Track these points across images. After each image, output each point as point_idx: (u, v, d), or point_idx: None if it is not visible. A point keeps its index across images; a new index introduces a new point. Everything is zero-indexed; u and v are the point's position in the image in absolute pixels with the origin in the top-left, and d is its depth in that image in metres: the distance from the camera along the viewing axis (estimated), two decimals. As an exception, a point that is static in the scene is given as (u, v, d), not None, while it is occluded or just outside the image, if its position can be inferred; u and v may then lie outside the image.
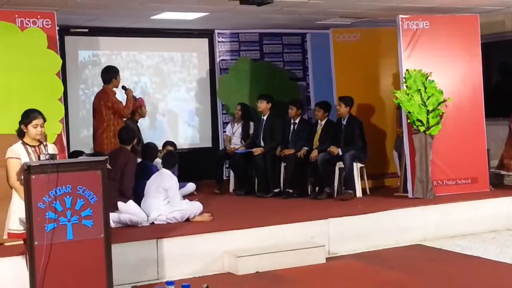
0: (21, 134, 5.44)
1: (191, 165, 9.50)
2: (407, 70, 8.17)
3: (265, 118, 9.10)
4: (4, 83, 6.52)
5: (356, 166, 8.38)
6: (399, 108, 8.42)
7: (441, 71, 8.28)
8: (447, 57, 8.42)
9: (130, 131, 7.61)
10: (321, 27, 9.98)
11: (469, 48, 8.57)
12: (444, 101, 8.12)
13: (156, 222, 6.91)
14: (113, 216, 6.47)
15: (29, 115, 5.41)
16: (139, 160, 7.63)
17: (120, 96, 8.19)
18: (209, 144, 10.70)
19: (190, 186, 8.70)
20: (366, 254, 6.94)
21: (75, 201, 4.86)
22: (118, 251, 5.58)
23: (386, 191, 8.92)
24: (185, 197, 7.80)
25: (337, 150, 8.37)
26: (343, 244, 6.97)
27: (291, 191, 8.52)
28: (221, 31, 10.50)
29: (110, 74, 8.10)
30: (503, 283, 5.90)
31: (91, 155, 8.13)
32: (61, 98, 6.82)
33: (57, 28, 6.93)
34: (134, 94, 8.36)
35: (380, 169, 9.41)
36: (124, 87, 8.22)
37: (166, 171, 7.18)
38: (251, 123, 9.46)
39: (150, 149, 8.00)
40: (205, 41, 10.65)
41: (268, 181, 8.79)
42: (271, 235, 6.67)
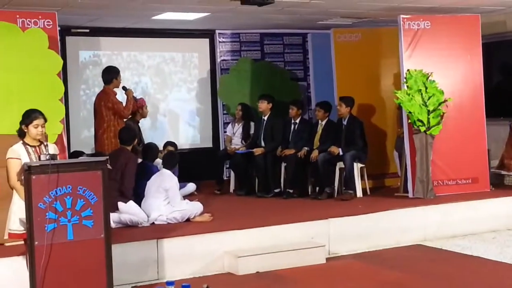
0: (21, 134, 5.45)
1: (191, 165, 9.51)
2: (408, 70, 8.16)
3: (265, 118, 9.10)
4: (5, 84, 6.52)
5: (357, 166, 8.38)
6: (399, 108, 8.42)
7: (442, 71, 8.27)
8: (448, 57, 8.42)
9: (131, 131, 7.61)
10: (322, 27, 9.98)
11: (470, 48, 8.57)
12: (445, 101, 8.12)
13: (156, 223, 6.91)
14: (113, 217, 6.48)
15: (30, 115, 5.41)
16: (139, 160, 7.64)
17: (121, 96, 8.20)
18: (209, 144, 10.70)
19: (191, 186, 8.70)
20: (366, 254, 6.95)
21: (75, 202, 4.87)
22: (119, 251, 5.59)
23: (387, 191, 8.92)
24: (185, 197, 7.81)
25: (337, 150, 8.37)
26: (343, 244, 6.97)
27: (291, 191, 8.52)
28: (222, 31, 10.49)
29: (111, 74, 8.11)
30: (503, 283, 5.90)
31: (91, 155, 8.15)
32: (62, 98, 6.83)
33: (58, 28, 6.93)
34: (134, 94, 8.37)
35: (381, 169, 9.40)
36: (124, 88, 8.22)
37: (166, 172, 7.19)
38: (251, 123, 9.45)
39: (150, 150, 8.01)
40: (206, 41, 10.65)
41: (268, 181, 8.79)
42: (271, 235, 6.67)
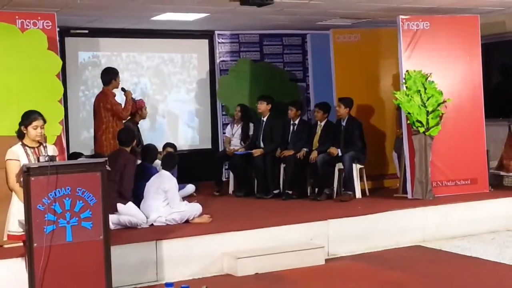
0: (20, 135, 5.45)
1: (190, 166, 9.49)
2: (407, 71, 8.16)
3: (265, 119, 9.09)
4: (4, 84, 6.50)
5: (356, 167, 8.38)
6: (398, 109, 8.42)
7: (441, 72, 8.27)
8: (447, 57, 8.41)
9: (129, 132, 7.60)
10: (321, 27, 9.97)
11: (469, 49, 8.56)
12: (444, 102, 8.12)
13: (155, 224, 6.91)
14: (112, 218, 6.46)
15: (29, 117, 5.42)
16: (138, 161, 7.63)
17: (120, 98, 8.20)
18: (208, 145, 10.69)
19: (190, 188, 8.69)
20: (365, 255, 6.94)
21: (74, 203, 4.87)
22: (118, 252, 5.59)
23: (386, 192, 8.91)
24: (184, 198, 7.81)
25: (336, 151, 8.36)
26: (342, 245, 6.96)
27: (290, 192, 8.52)
28: (221, 32, 10.48)
29: (110, 75, 8.11)
30: (502, 283, 5.90)
31: (90, 156, 8.14)
32: (61, 99, 6.82)
33: (57, 29, 6.93)
34: (133, 95, 8.37)
35: (380, 170, 9.39)
36: (123, 89, 8.21)
37: (165, 173, 7.18)
38: (250, 125, 9.44)
39: (149, 151, 8.00)
40: (205, 42, 10.64)
41: (267, 182, 8.78)
42: (270, 236, 6.67)
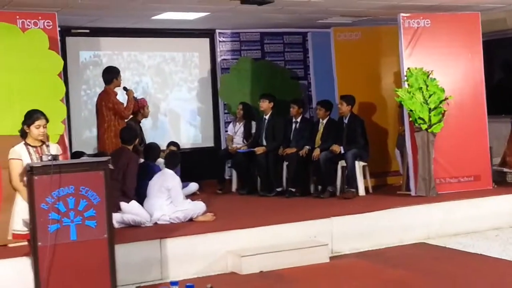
0: (23, 134, 5.46)
1: (193, 165, 9.49)
2: (408, 69, 8.16)
3: (267, 117, 9.09)
4: (6, 84, 6.50)
5: (358, 165, 8.37)
6: (400, 106, 8.41)
7: (442, 69, 8.26)
8: (448, 55, 8.41)
9: (132, 131, 7.60)
10: (322, 26, 9.97)
11: (470, 46, 8.56)
12: (446, 99, 8.11)
13: (159, 222, 6.90)
14: (116, 217, 6.47)
15: (31, 116, 5.43)
16: (141, 160, 7.63)
17: (122, 97, 8.19)
18: (211, 143, 10.69)
19: (193, 186, 8.69)
20: (369, 253, 6.94)
21: (78, 202, 4.88)
22: (122, 251, 5.59)
23: (389, 189, 8.90)
24: (187, 196, 7.79)
25: (339, 148, 8.36)
26: (346, 242, 6.96)
27: (293, 190, 8.51)
28: (222, 31, 10.48)
29: (111, 74, 8.11)
30: (506, 280, 5.88)
31: (93, 155, 8.14)
32: (63, 98, 6.82)
33: (58, 29, 6.92)
34: (135, 94, 8.36)
35: (383, 167, 9.40)
36: (125, 88, 8.21)
37: (168, 171, 7.17)
38: (253, 123, 9.43)
39: (152, 149, 7.99)
40: (206, 41, 10.64)
41: (270, 180, 8.78)
42: (274, 234, 6.66)
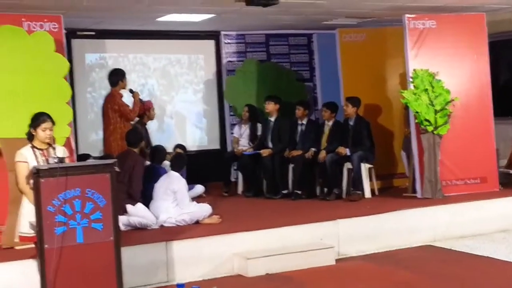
0: (30, 137, 5.48)
1: (199, 167, 9.49)
2: (414, 70, 8.14)
3: (272, 119, 9.08)
4: (12, 87, 6.50)
5: (364, 167, 8.36)
6: (406, 108, 8.39)
7: (448, 71, 8.24)
8: (454, 56, 8.38)
9: (137, 133, 7.60)
10: (327, 27, 9.96)
11: (476, 47, 8.53)
12: (452, 100, 8.09)
13: (165, 225, 6.90)
14: (122, 219, 6.47)
15: (38, 118, 5.46)
16: (147, 163, 7.63)
17: (129, 99, 8.20)
18: (217, 146, 10.69)
19: (199, 188, 8.69)
20: (376, 255, 6.92)
21: (84, 204, 4.89)
22: (128, 254, 5.57)
23: (395, 191, 8.87)
24: (193, 199, 7.78)
25: (345, 150, 8.34)
26: (352, 245, 6.94)
27: (299, 192, 8.50)
28: (227, 33, 10.46)
29: (116, 76, 8.13)
30: (513, 283, 5.88)
31: (99, 158, 8.14)
32: (69, 101, 6.83)
33: (64, 31, 6.93)
34: (141, 97, 8.37)
35: (389, 169, 9.37)
36: (131, 90, 8.23)
37: (174, 174, 7.16)
38: (258, 125, 9.42)
39: (158, 152, 7.98)
40: (211, 42, 10.65)
41: (276, 182, 8.77)
42: (280, 236, 6.65)
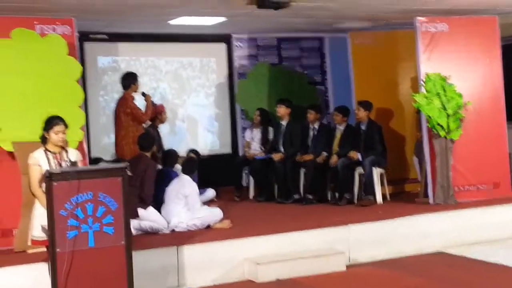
0: (44, 140, 5.50)
1: (210, 171, 9.46)
2: (426, 74, 8.09)
3: (284, 123, 9.05)
4: (25, 90, 6.53)
5: (376, 172, 8.32)
6: (418, 112, 8.35)
7: (460, 74, 8.19)
8: (466, 59, 8.33)
9: (149, 137, 7.62)
10: (338, 30, 9.94)
11: (488, 50, 8.47)
12: (464, 104, 8.04)
13: (176, 230, 6.90)
14: (134, 223, 6.48)
15: (51, 122, 5.47)
16: (159, 167, 7.64)
17: (141, 102, 8.21)
18: (228, 150, 10.66)
19: (210, 193, 8.67)
20: (387, 261, 6.87)
21: (96, 208, 4.88)
22: (139, 258, 5.57)
23: (407, 196, 8.82)
24: (204, 203, 7.78)
25: (357, 155, 8.31)
26: (363, 250, 6.90)
27: (311, 197, 8.47)
28: (239, 36, 10.47)
29: (128, 80, 8.15)
30: (526, 290, 5.83)
31: (111, 161, 8.16)
32: (81, 105, 6.85)
33: (76, 34, 6.95)
34: (152, 99, 8.38)
35: (401, 174, 9.34)
36: (143, 93, 8.24)
37: (185, 177, 7.16)
38: (270, 129, 9.40)
39: (170, 156, 8.00)
40: (223, 46, 10.64)
41: (288, 187, 8.74)
42: (291, 241, 6.63)
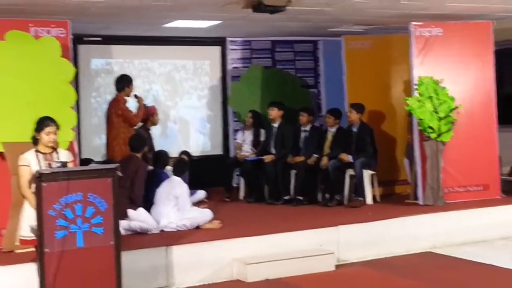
0: (35, 141, 5.53)
1: (202, 172, 9.48)
2: (419, 77, 8.14)
3: (276, 125, 9.09)
4: (17, 92, 6.54)
5: (367, 173, 8.37)
6: (410, 115, 8.40)
7: (453, 78, 8.24)
8: (459, 64, 8.38)
9: (140, 138, 7.65)
10: (333, 34, 9.97)
11: (481, 55, 8.53)
12: (456, 108, 8.09)
13: (166, 230, 6.93)
14: (123, 224, 6.50)
15: (42, 122, 5.51)
16: (150, 168, 7.67)
17: (133, 104, 8.25)
18: (220, 151, 10.71)
19: (201, 194, 8.68)
20: (376, 262, 6.92)
21: (85, 209, 4.91)
22: (128, 258, 5.59)
23: (397, 198, 8.87)
24: (195, 204, 7.81)
25: (347, 157, 8.36)
26: (353, 251, 6.95)
27: (301, 198, 8.51)
28: (233, 39, 10.48)
29: (123, 83, 8.21)
30: (513, 291, 5.88)
31: (102, 162, 8.20)
32: (73, 106, 6.88)
33: (70, 36, 6.99)
34: (145, 102, 8.42)
35: (391, 176, 9.37)
36: (136, 96, 8.29)
37: (176, 179, 7.20)
38: (262, 131, 9.41)
39: (160, 157, 8.02)
40: (217, 49, 10.68)
41: (278, 188, 8.78)
42: (280, 242, 6.66)
